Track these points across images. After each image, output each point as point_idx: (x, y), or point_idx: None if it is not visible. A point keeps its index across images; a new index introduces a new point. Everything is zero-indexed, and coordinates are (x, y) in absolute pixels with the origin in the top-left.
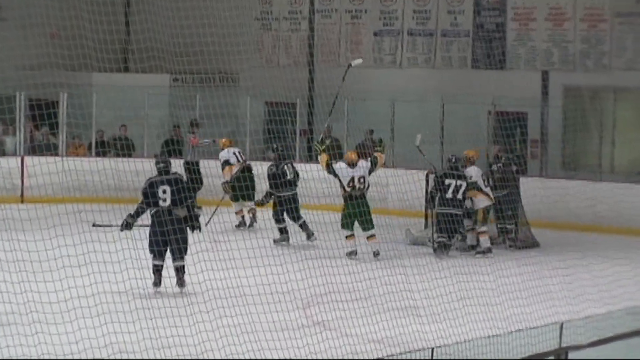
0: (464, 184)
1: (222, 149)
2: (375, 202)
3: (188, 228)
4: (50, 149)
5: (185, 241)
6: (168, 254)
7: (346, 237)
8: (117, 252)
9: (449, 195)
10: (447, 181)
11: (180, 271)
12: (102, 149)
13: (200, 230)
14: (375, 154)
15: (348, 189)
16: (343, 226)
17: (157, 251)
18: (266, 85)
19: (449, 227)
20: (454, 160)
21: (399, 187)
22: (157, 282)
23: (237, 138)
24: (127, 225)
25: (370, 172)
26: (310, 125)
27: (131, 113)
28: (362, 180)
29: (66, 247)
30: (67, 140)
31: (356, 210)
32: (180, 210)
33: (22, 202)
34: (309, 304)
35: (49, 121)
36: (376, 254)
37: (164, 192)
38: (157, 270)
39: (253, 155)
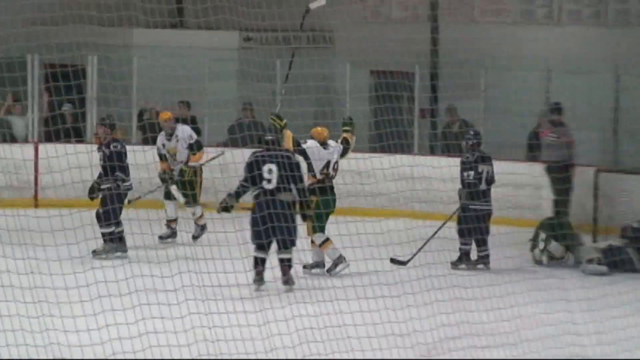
0: None
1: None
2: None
3: (297, 216)
4: (73, 134)
5: (293, 231)
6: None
7: (320, 244)
8: (172, 277)
9: None
10: None
11: (286, 264)
12: (152, 133)
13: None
14: (345, 135)
15: (320, 177)
16: (315, 229)
17: (259, 242)
18: (372, 48)
19: None
20: None
21: None
22: (259, 280)
23: (331, 120)
24: (226, 208)
25: (342, 156)
26: (434, 103)
27: (186, 85)
28: (336, 166)
29: (102, 270)
30: (97, 121)
31: (330, 207)
32: (287, 194)
33: (36, 206)
34: (437, 352)
35: (72, 95)
36: (330, 270)
37: (270, 171)
38: (259, 264)
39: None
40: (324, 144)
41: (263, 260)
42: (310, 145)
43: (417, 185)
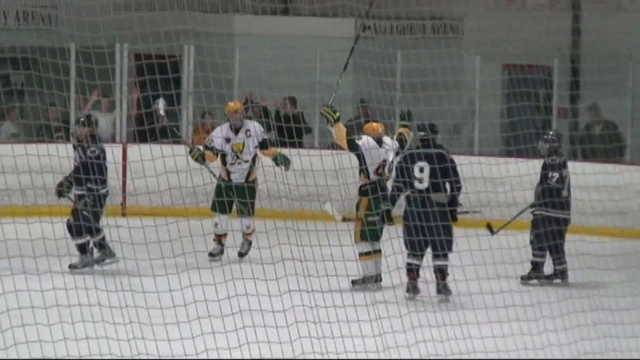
0: None
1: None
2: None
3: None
4: (169, 134)
5: (449, 234)
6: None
7: (367, 253)
8: (280, 296)
9: None
10: None
11: (441, 274)
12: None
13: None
14: (401, 130)
15: (375, 177)
16: (364, 235)
17: (412, 246)
18: (505, 39)
19: None
20: None
21: None
22: (412, 289)
23: (462, 120)
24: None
25: (397, 155)
26: (575, 101)
27: (293, 79)
28: (391, 167)
29: (202, 287)
30: (195, 120)
31: (382, 209)
32: (439, 194)
33: (123, 214)
34: None
35: (166, 90)
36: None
37: (421, 170)
38: (412, 271)
39: (487, 147)
40: (379, 141)
41: (417, 268)
42: (364, 142)
43: None
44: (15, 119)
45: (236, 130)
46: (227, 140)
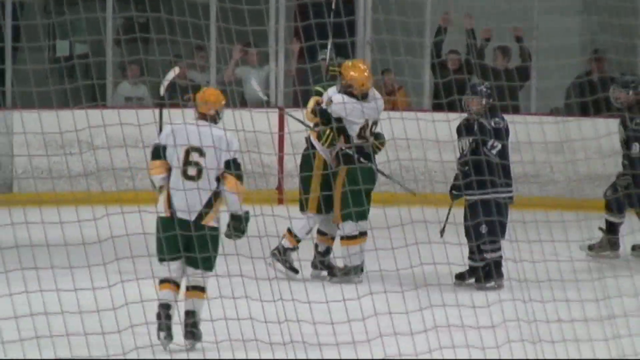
0: None
1: None
2: None
3: None
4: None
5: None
6: None
7: (347, 237)
8: (489, 307)
9: None
10: None
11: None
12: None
13: None
14: None
15: (358, 141)
16: (350, 215)
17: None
18: None
19: None
20: None
21: None
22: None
23: None
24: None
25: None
26: None
27: (507, 22)
28: (374, 127)
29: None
30: (375, 77)
31: (370, 181)
32: None
33: (280, 202)
34: None
35: (337, 38)
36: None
37: None
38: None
39: None
40: (363, 97)
41: None
42: (338, 100)
43: None
44: (136, 76)
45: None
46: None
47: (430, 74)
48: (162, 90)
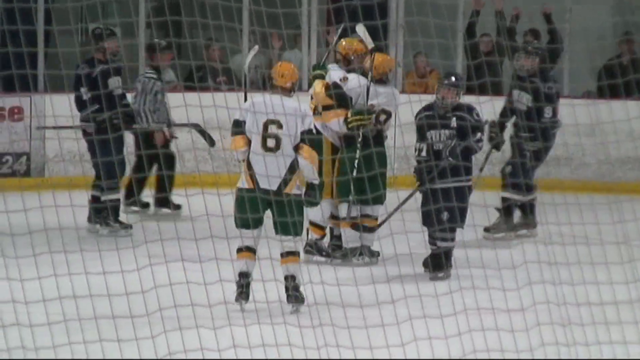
0: None
1: None
2: None
3: None
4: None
5: None
6: None
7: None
8: (518, 290)
9: None
10: None
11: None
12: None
13: None
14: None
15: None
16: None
17: None
18: None
19: None
20: None
21: None
22: None
23: None
24: None
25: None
26: None
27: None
28: (384, 112)
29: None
30: (406, 59)
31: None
32: None
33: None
34: None
35: (369, 19)
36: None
37: None
38: None
39: None
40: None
41: None
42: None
43: None
44: (170, 60)
45: None
46: None
47: (463, 57)
48: (245, 69)
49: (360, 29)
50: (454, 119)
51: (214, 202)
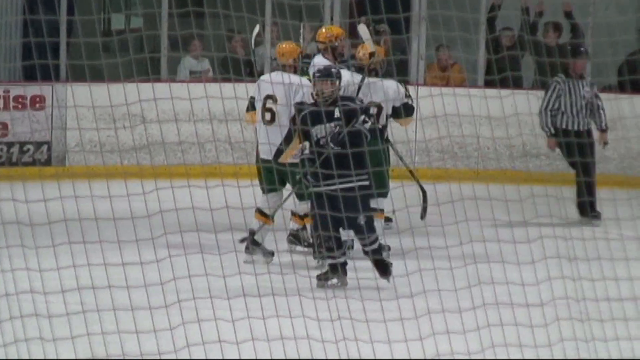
0: None
1: None
2: None
3: None
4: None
5: None
6: None
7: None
8: (537, 285)
9: None
10: None
11: None
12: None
13: None
14: None
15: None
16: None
17: None
18: None
19: None
20: None
21: None
22: None
23: None
24: None
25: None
26: None
27: None
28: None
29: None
30: (428, 53)
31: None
32: None
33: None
34: None
35: (391, 12)
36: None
37: None
38: None
39: None
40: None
41: None
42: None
43: None
44: (198, 50)
45: None
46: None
47: (484, 50)
48: (252, 44)
49: (362, 28)
50: (337, 109)
51: (234, 194)
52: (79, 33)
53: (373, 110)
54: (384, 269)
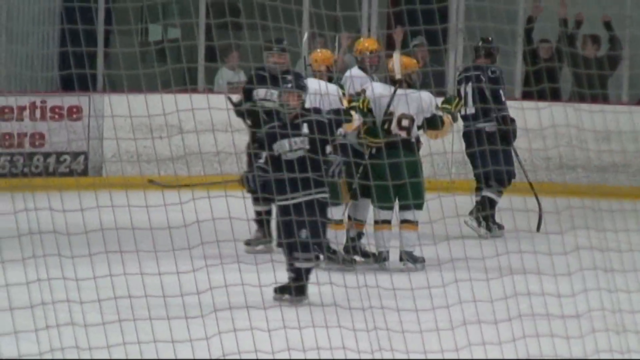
0: None
1: None
2: None
3: None
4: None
5: None
6: None
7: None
8: (574, 296)
9: None
10: None
11: None
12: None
13: None
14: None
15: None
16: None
17: None
18: None
19: None
20: None
21: None
22: None
23: None
24: None
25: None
26: None
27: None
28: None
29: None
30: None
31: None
32: None
33: None
34: None
35: (428, 24)
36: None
37: None
38: None
39: None
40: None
41: None
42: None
43: None
44: (235, 62)
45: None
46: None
47: (522, 62)
48: (304, 51)
49: (396, 55)
50: (305, 124)
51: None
52: (117, 43)
53: (404, 123)
54: (299, 289)
